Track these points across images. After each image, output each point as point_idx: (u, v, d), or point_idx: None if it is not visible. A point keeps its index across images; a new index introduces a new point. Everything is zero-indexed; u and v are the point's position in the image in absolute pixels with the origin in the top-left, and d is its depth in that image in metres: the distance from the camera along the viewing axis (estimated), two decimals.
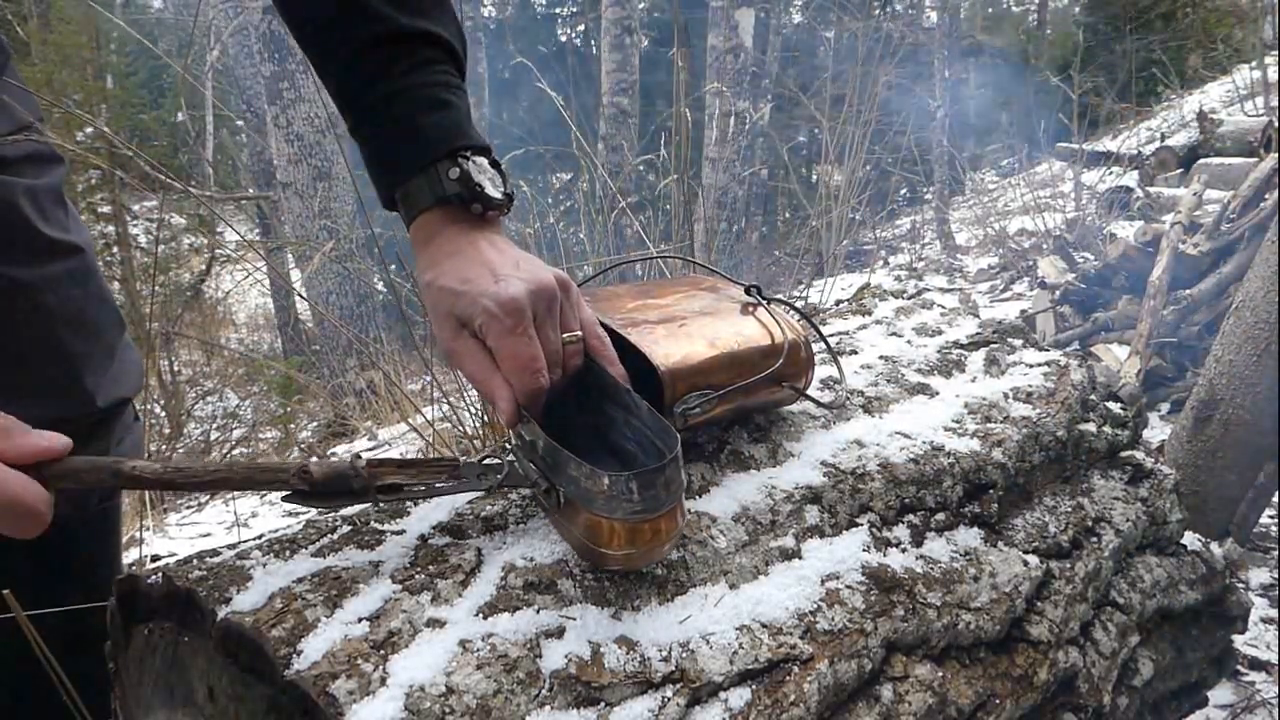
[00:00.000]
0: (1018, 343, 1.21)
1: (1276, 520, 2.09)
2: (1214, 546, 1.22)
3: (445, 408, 1.92)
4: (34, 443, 0.59)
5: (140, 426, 1.00)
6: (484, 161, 0.73)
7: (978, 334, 1.23)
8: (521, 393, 0.67)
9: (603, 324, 0.79)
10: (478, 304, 0.67)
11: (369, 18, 0.72)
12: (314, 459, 0.64)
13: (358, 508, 0.74)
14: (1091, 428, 1.10)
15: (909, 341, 1.19)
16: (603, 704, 0.58)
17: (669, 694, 0.60)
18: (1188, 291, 3.04)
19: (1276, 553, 1.96)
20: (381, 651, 0.56)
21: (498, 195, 0.73)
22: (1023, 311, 4.06)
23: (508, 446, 0.72)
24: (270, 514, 3.20)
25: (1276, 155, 3.11)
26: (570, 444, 0.64)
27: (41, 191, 0.85)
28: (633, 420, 0.72)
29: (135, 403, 0.99)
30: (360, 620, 0.58)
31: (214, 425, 4.98)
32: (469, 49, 0.82)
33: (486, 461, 0.70)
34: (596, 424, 0.75)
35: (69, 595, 0.86)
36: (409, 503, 0.74)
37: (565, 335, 0.71)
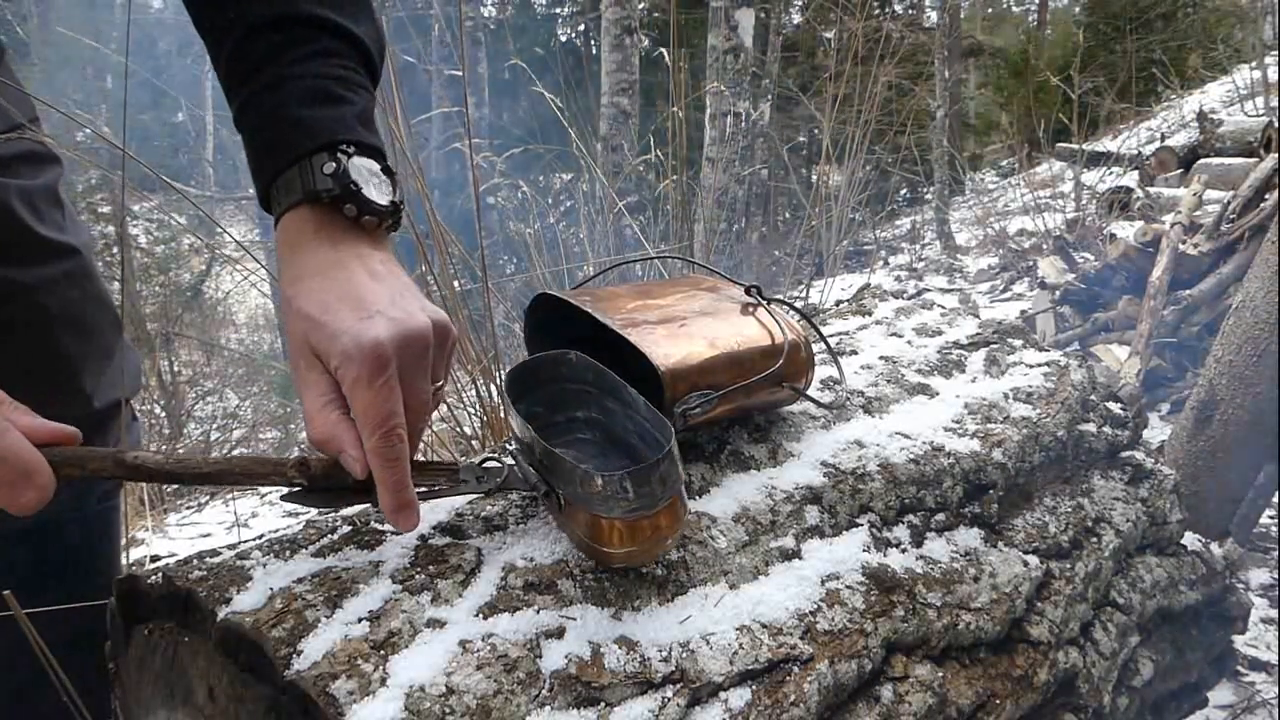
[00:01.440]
0: (1018, 343, 1.21)
1: (1276, 520, 2.09)
2: (1214, 546, 1.22)
3: (444, 409, 1.92)
4: (47, 425, 0.59)
5: (139, 427, 1.00)
6: (373, 164, 0.66)
7: (978, 334, 1.23)
8: (374, 452, 0.58)
9: (603, 325, 0.79)
10: (336, 342, 0.58)
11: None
12: (315, 455, 0.63)
13: (358, 508, 0.74)
14: (1091, 428, 1.10)
15: (909, 342, 1.19)
16: (603, 704, 0.58)
17: (669, 694, 0.60)
18: (1188, 291, 3.04)
19: (1276, 553, 1.97)
20: (381, 651, 0.56)
21: (381, 201, 0.65)
22: (1023, 312, 4.06)
23: (507, 448, 0.72)
24: (270, 514, 3.20)
25: (1276, 155, 3.11)
26: (572, 440, 0.64)
27: (36, 192, 0.84)
28: (633, 415, 0.72)
29: (134, 404, 0.99)
30: (360, 620, 0.58)
31: (214, 425, 4.98)
32: (469, 48, 0.82)
33: (486, 464, 0.70)
34: (597, 419, 0.75)
35: (69, 594, 0.86)
36: None
37: (434, 385, 0.63)
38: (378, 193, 0.65)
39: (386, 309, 0.60)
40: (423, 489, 0.66)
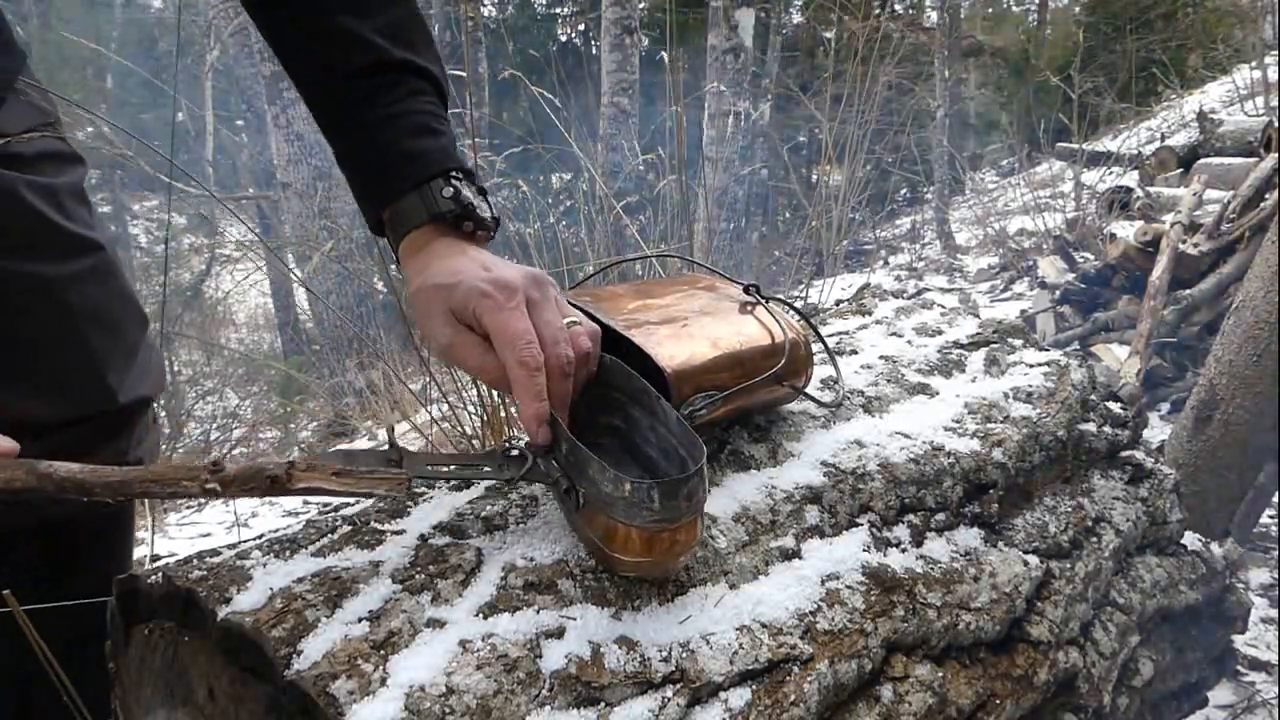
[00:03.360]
0: (1018, 343, 1.21)
1: (1276, 520, 2.09)
2: (1214, 546, 1.22)
3: (445, 408, 1.92)
4: None
5: (159, 429, 1.01)
6: (473, 187, 0.75)
7: (978, 334, 1.23)
8: (515, 365, 0.65)
9: (605, 326, 0.79)
10: (473, 289, 0.67)
11: (362, 48, 0.75)
12: (229, 457, 0.60)
13: (358, 508, 0.74)
14: (1091, 428, 1.10)
15: (909, 341, 1.19)
16: (603, 704, 0.58)
17: (669, 694, 0.60)
18: (1188, 291, 3.04)
19: (1276, 553, 1.97)
20: (381, 651, 0.56)
21: (488, 216, 0.75)
22: (1023, 311, 4.06)
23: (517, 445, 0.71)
24: (270, 514, 3.21)
25: (1276, 155, 3.11)
26: (591, 445, 0.63)
27: (62, 190, 0.86)
28: (658, 427, 0.72)
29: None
30: (360, 620, 0.58)
31: (214, 425, 4.98)
32: (470, 48, 0.84)
33: (509, 453, 0.69)
34: (619, 427, 0.74)
35: (81, 592, 0.86)
36: (409, 502, 0.74)
37: (566, 320, 0.70)
38: (483, 209, 0.75)
39: (505, 265, 0.70)
40: (442, 470, 0.66)
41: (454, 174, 0.74)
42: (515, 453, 0.68)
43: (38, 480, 0.57)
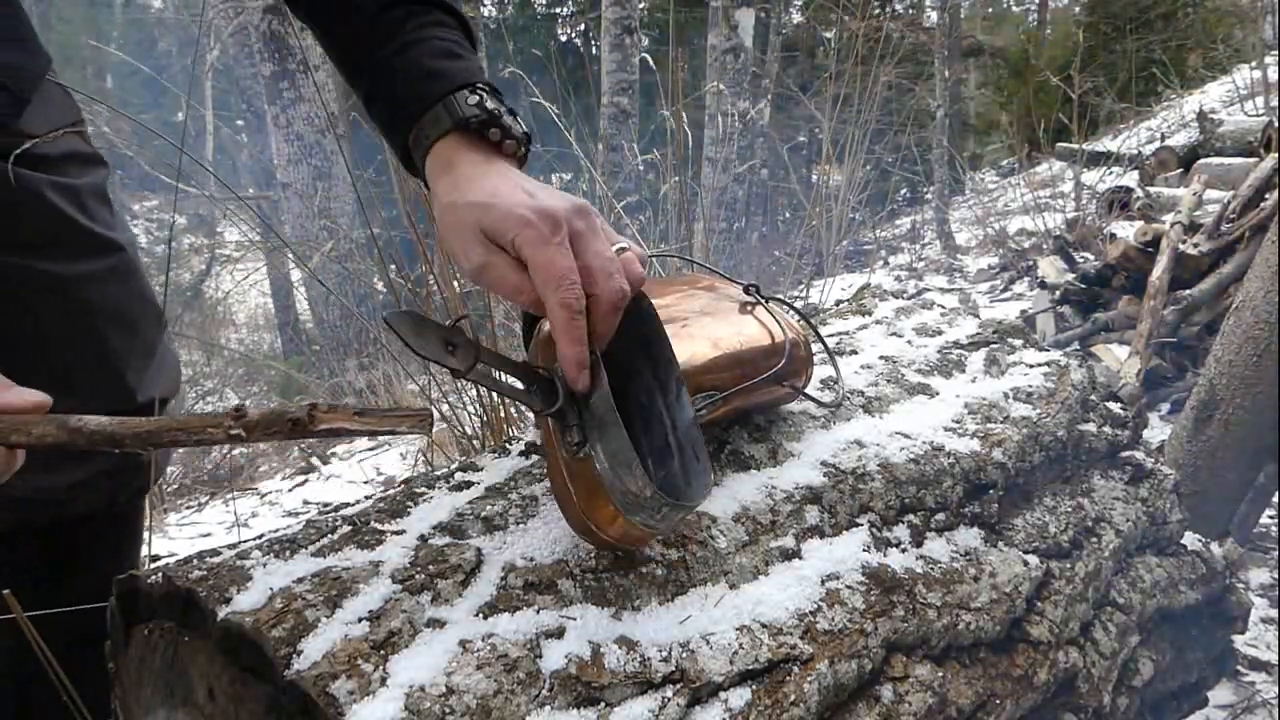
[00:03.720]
0: (1018, 343, 1.21)
1: (1276, 520, 2.09)
2: (1214, 546, 1.22)
3: (445, 408, 1.92)
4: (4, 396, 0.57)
5: None
6: (501, 103, 0.73)
7: (978, 334, 1.23)
8: (556, 306, 0.61)
9: None
10: (512, 214, 0.63)
11: None
12: (251, 404, 0.59)
13: (358, 508, 0.74)
14: (1091, 428, 1.10)
15: (909, 341, 1.19)
16: (603, 704, 0.58)
17: (669, 694, 0.60)
18: (1188, 291, 3.04)
19: (1276, 553, 1.96)
20: (381, 651, 0.56)
21: (518, 127, 0.72)
22: (1023, 311, 4.06)
23: (557, 369, 0.65)
24: (270, 514, 3.21)
25: (1276, 155, 3.11)
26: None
27: (84, 190, 0.87)
28: (669, 409, 0.70)
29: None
30: (360, 620, 0.58)
31: None
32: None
33: (546, 374, 0.64)
34: (642, 402, 0.71)
35: (83, 592, 0.87)
36: (409, 502, 0.74)
37: (614, 245, 0.67)
38: (510, 121, 0.71)
39: (547, 191, 0.66)
40: (488, 376, 0.62)
41: (479, 86, 0.71)
42: (547, 380, 0.64)
43: (69, 435, 0.56)
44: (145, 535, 1.06)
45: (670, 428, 0.71)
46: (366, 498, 0.78)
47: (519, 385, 0.64)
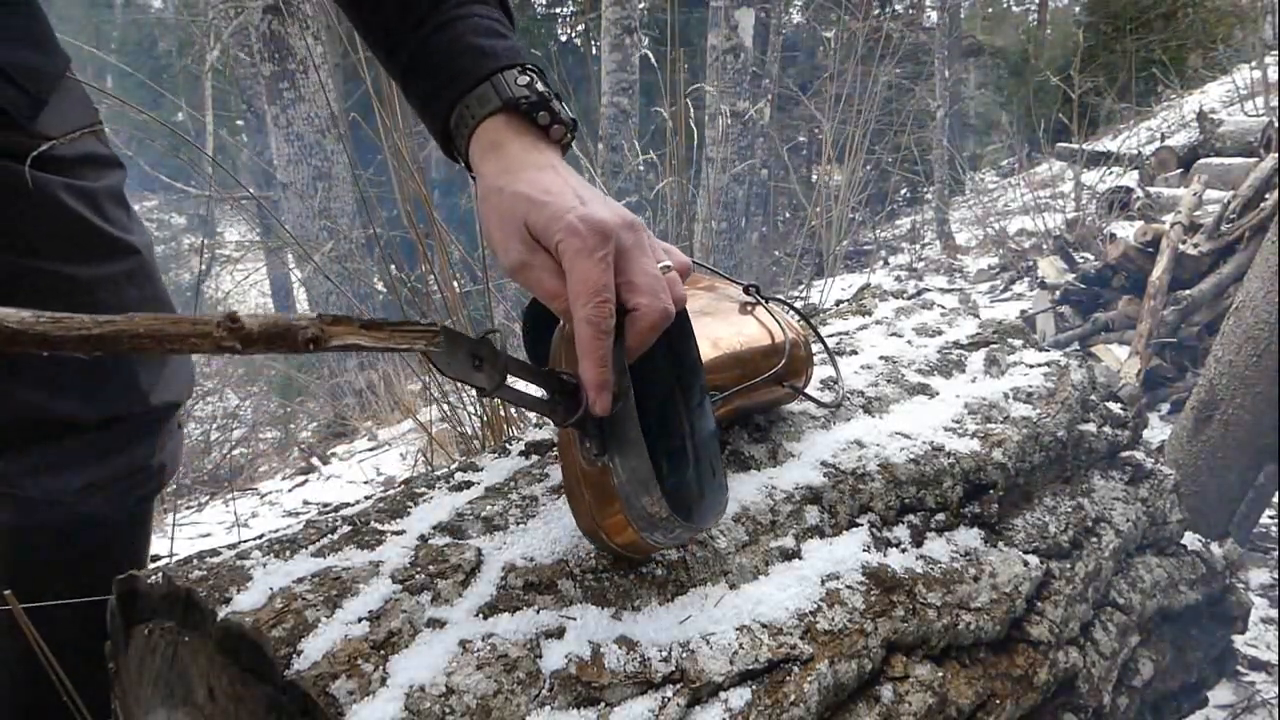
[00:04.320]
0: (1018, 343, 1.21)
1: (1276, 520, 2.09)
2: (1214, 546, 1.22)
3: (445, 408, 1.92)
4: None
5: (182, 435, 1.02)
6: (547, 85, 0.71)
7: (978, 334, 1.23)
8: (585, 321, 0.60)
9: None
10: (562, 219, 0.61)
11: None
12: (248, 313, 0.50)
13: (358, 508, 0.74)
14: (1091, 428, 1.10)
15: (909, 342, 1.19)
16: (603, 704, 0.58)
17: (669, 694, 0.60)
18: (1188, 291, 3.04)
19: (1276, 553, 1.96)
20: (381, 651, 0.56)
21: (565, 112, 0.70)
22: (1023, 311, 4.06)
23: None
24: (270, 514, 3.21)
25: (1276, 155, 3.11)
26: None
27: (100, 193, 0.87)
28: (689, 420, 0.70)
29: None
30: (360, 620, 0.58)
31: (214, 425, 4.98)
32: None
33: (573, 382, 0.61)
34: (652, 408, 0.70)
35: (102, 588, 0.88)
36: (409, 502, 0.74)
37: (660, 264, 0.65)
38: (561, 108, 0.69)
39: (599, 200, 0.64)
40: (508, 388, 0.58)
41: (528, 67, 0.70)
42: (573, 387, 0.62)
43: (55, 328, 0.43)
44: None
45: (689, 433, 0.70)
46: (366, 498, 0.78)
47: (540, 395, 0.62)
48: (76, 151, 0.85)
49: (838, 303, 1.42)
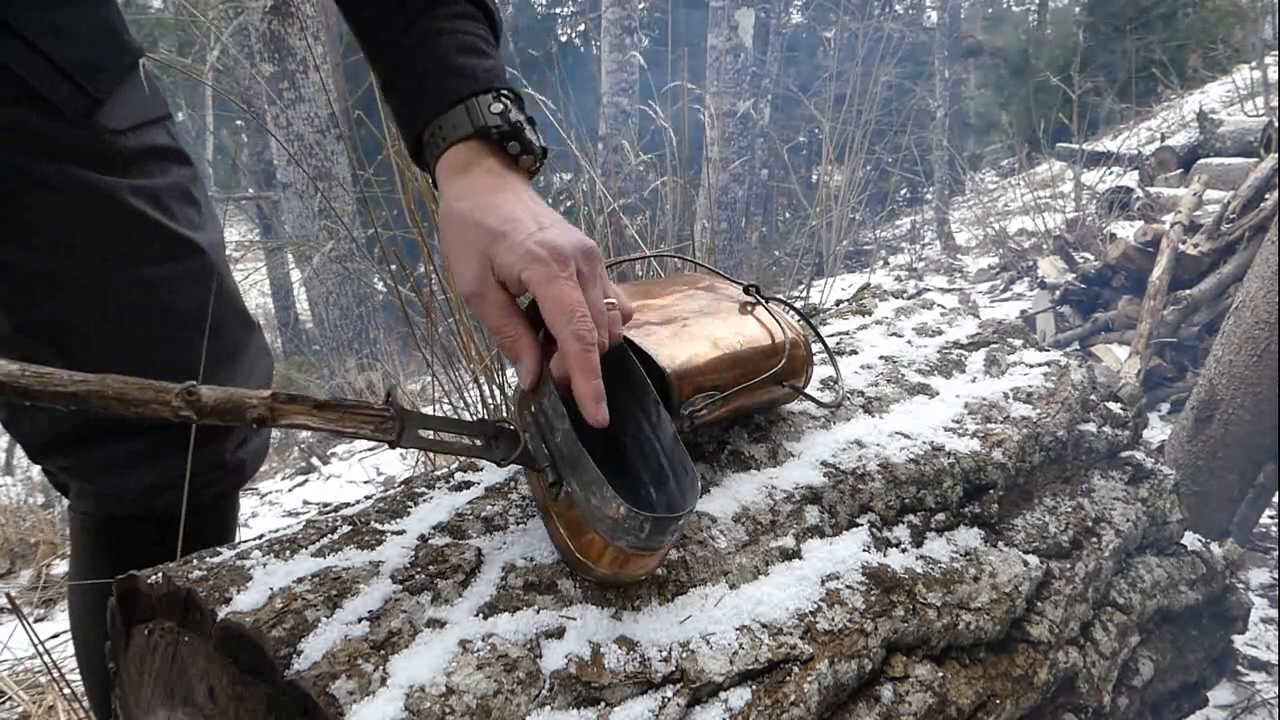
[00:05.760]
0: (1018, 343, 1.21)
1: (1276, 520, 2.09)
2: (1214, 546, 1.22)
3: (445, 408, 1.92)
4: None
5: (269, 430, 1.02)
6: (522, 111, 0.72)
7: (978, 334, 1.23)
8: (569, 339, 0.62)
9: None
10: (522, 247, 0.63)
11: None
12: (206, 386, 0.53)
13: (358, 508, 0.74)
14: (1091, 428, 1.10)
15: (909, 341, 1.19)
16: (603, 704, 0.58)
17: (669, 694, 0.60)
18: (1188, 291, 3.04)
19: (1276, 553, 1.96)
20: (381, 651, 0.56)
21: (535, 143, 0.71)
22: (1023, 311, 4.06)
23: (521, 419, 0.67)
24: (270, 514, 3.20)
25: (1276, 155, 3.11)
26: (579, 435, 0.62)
27: (165, 190, 0.86)
28: (650, 434, 0.70)
29: None
30: (360, 620, 0.58)
31: None
32: None
33: (500, 428, 0.64)
34: (626, 424, 0.72)
35: None
36: (409, 502, 0.74)
37: (605, 299, 0.67)
38: (531, 134, 0.71)
39: (558, 225, 0.66)
40: (430, 439, 0.62)
41: (504, 93, 0.71)
42: (507, 430, 0.65)
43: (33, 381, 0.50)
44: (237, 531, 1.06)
45: (660, 451, 0.71)
46: (366, 498, 0.78)
47: (474, 442, 0.64)
48: (141, 145, 0.84)
49: (838, 303, 1.42)
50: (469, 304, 0.68)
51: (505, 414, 1.74)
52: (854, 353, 1.13)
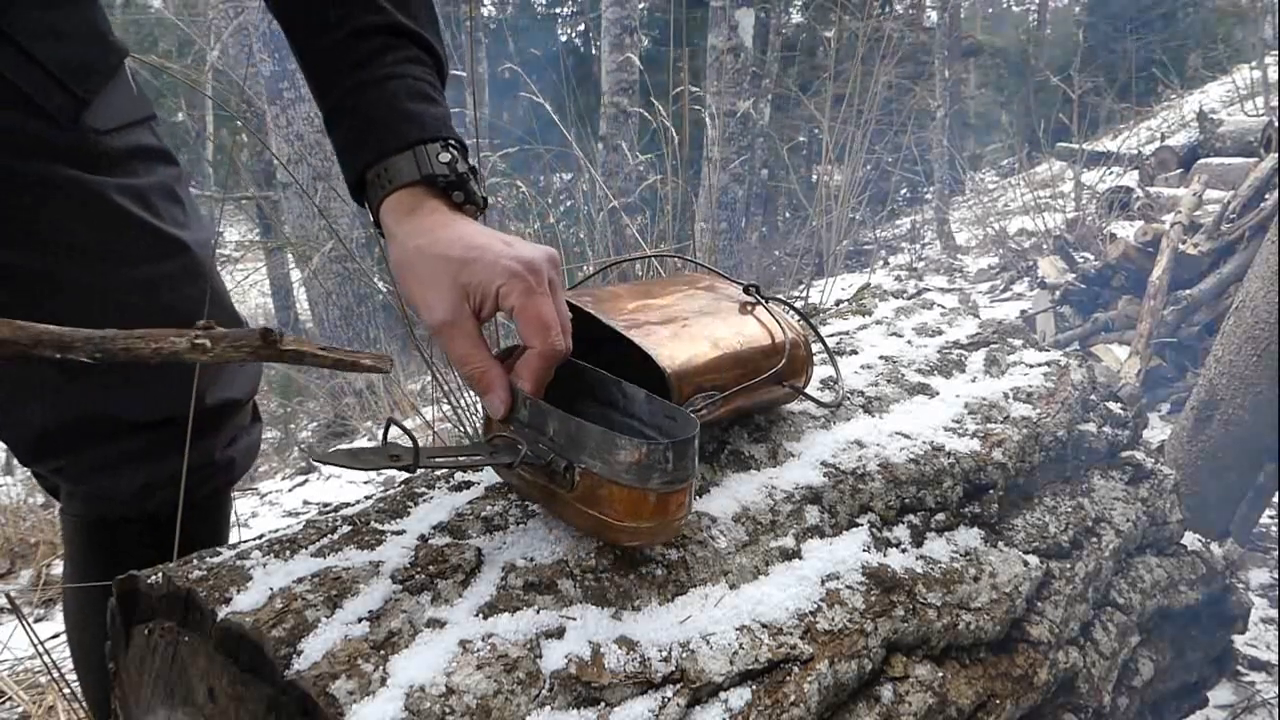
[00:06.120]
0: (1018, 343, 1.21)
1: (1276, 520, 2.09)
2: (1214, 546, 1.22)
3: (446, 408, 1.92)
4: None
5: (260, 428, 1.02)
6: (466, 162, 0.74)
7: (978, 334, 1.23)
8: (543, 352, 0.66)
9: (603, 325, 0.79)
10: (498, 265, 0.65)
11: (365, 7, 0.73)
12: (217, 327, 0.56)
13: (358, 508, 0.74)
14: (1091, 428, 1.10)
15: (909, 341, 1.19)
16: (603, 704, 0.58)
17: (669, 694, 0.60)
18: (1188, 291, 3.04)
19: (1276, 553, 1.96)
20: (381, 651, 0.56)
21: (479, 193, 0.74)
22: (1023, 311, 4.06)
23: (507, 431, 0.70)
24: (270, 514, 3.20)
25: (1276, 155, 3.11)
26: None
27: (151, 190, 0.86)
28: (622, 414, 0.72)
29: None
30: (360, 620, 0.58)
31: None
32: (473, 48, 0.83)
33: (495, 442, 0.68)
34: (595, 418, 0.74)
35: None
36: (409, 502, 0.74)
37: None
38: (474, 186, 0.73)
39: (521, 242, 0.69)
40: (445, 461, 0.66)
41: (451, 143, 0.73)
42: (504, 442, 0.68)
43: (12, 333, 0.52)
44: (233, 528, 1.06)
45: (641, 424, 0.73)
46: (366, 498, 0.78)
47: (480, 456, 0.67)
48: (127, 145, 0.84)
49: (838, 303, 1.42)
50: (438, 336, 0.69)
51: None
52: (854, 353, 1.14)
